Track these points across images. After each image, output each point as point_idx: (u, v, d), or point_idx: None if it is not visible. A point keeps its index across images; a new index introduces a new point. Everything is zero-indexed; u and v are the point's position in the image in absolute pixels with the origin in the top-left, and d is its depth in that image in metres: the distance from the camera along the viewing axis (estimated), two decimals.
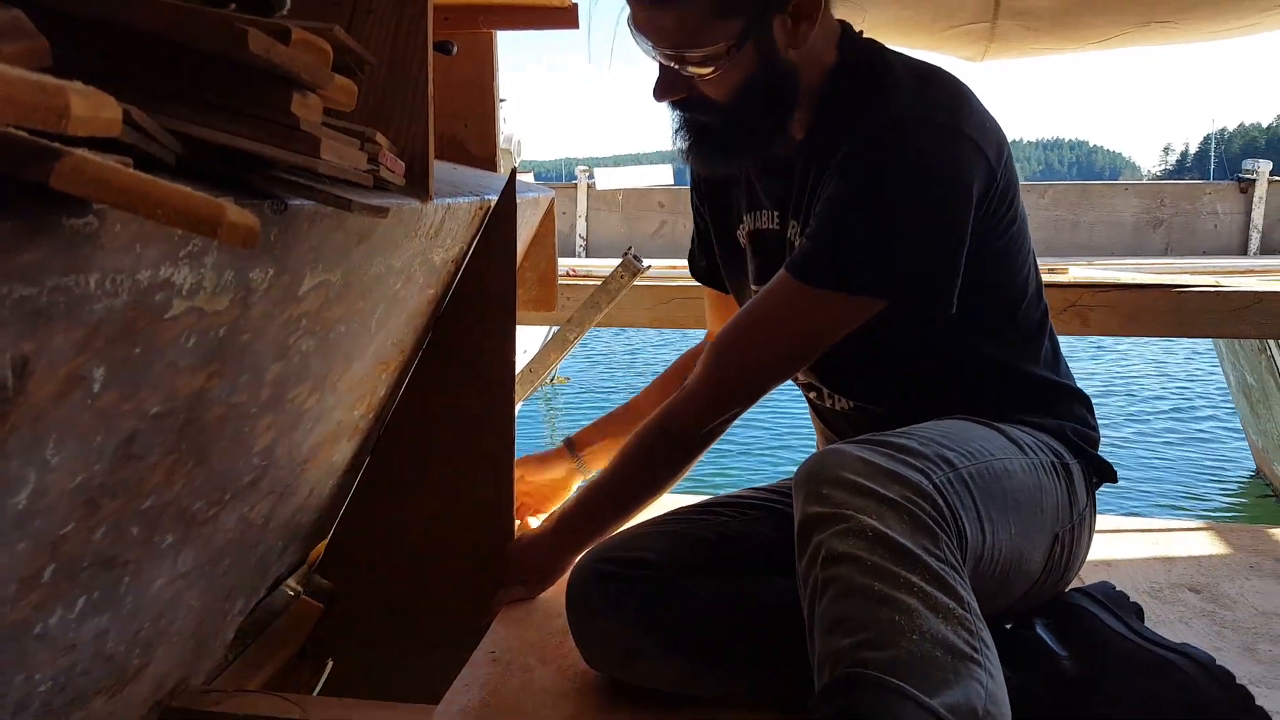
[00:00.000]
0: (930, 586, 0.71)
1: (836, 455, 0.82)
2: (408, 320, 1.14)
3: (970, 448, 0.90)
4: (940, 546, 0.75)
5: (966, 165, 0.96)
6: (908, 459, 0.82)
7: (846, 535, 0.74)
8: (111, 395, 0.60)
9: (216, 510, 0.86)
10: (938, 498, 0.78)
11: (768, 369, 1.05)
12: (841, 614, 0.71)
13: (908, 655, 0.67)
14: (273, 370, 0.82)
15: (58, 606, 0.68)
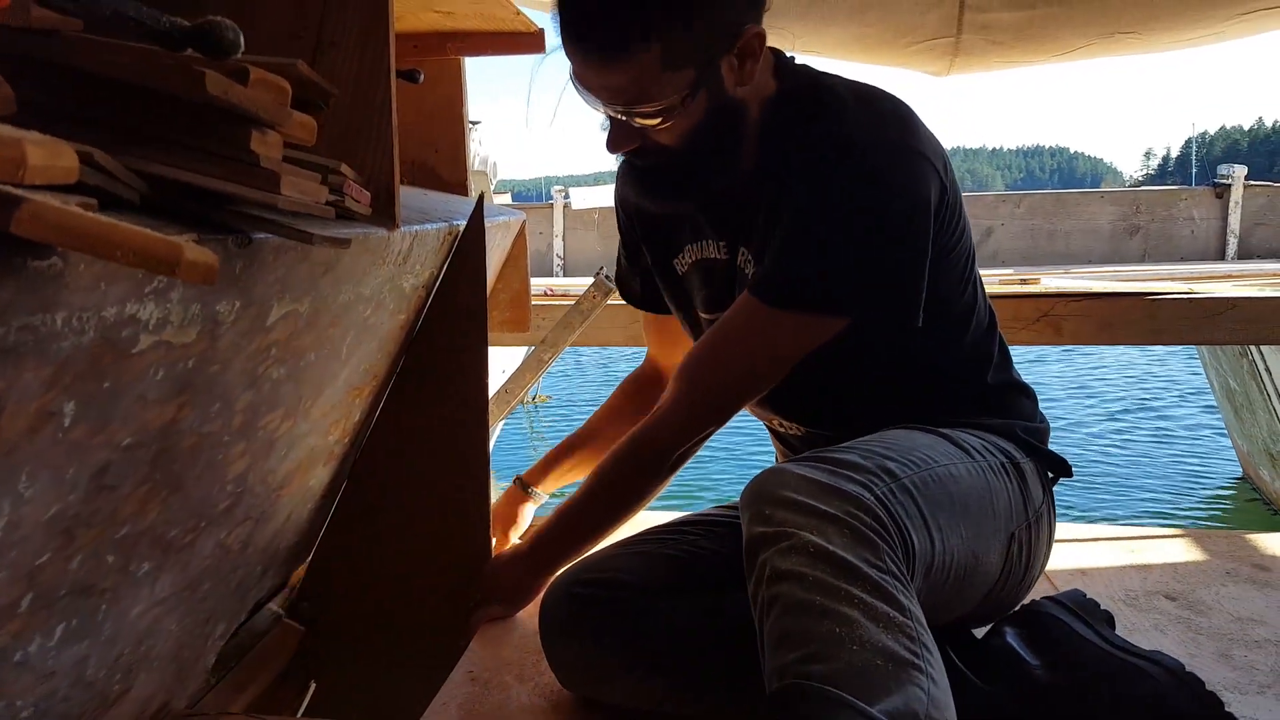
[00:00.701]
0: (871, 597, 0.73)
1: (778, 475, 0.84)
2: (379, 346, 1.17)
3: (913, 457, 0.93)
4: (882, 558, 0.77)
5: (922, 178, 0.98)
6: (849, 474, 0.84)
7: (789, 553, 0.76)
8: (82, 429, 0.62)
9: (193, 537, 0.88)
10: (879, 510, 0.80)
11: (736, 389, 1.08)
12: (786, 629, 0.73)
13: (848, 666, 0.69)
14: (243, 399, 0.84)
15: (36, 635, 0.70)
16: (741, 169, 1.07)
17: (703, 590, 1.07)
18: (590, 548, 1.21)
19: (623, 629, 1.03)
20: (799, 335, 1.02)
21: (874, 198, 0.97)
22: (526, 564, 1.26)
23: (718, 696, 1.02)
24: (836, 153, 0.98)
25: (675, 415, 1.10)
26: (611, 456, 1.16)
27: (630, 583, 1.05)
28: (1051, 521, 1.12)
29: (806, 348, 1.03)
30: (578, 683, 1.06)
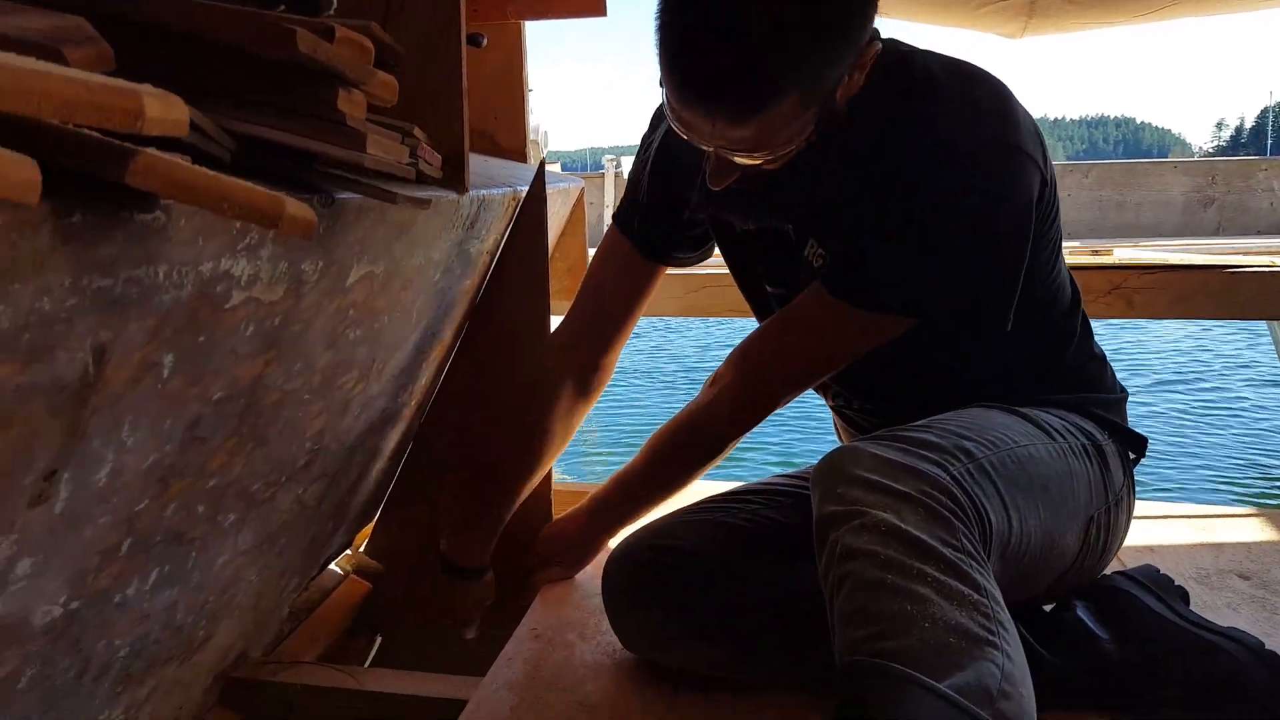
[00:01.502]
0: (945, 575, 0.72)
1: (851, 453, 0.83)
2: (446, 311, 1.18)
3: (991, 436, 0.91)
4: (957, 536, 0.76)
5: (1025, 181, 0.92)
6: (924, 453, 0.82)
7: (861, 531, 0.75)
8: (179, 380, 0.65)
9: (273, 491, 0.91)
10: (955, 489, 0.79)
11: (800, 379, 1.06)
12: (857, 607, 0.72)
13: (919, 643, 0.68)
14: (323, 358, 0.86)
15: (134, 578, 0.73)
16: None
17: (765, 560, 1.07)
18: (646, 514, 1.22)
19: (684, 597, 1.04)
20: (875, 333, 0.99)
21: (972, 207, 0.90)
22: (585, 527, 1.28)
23: (777, 666, 1.03)
24: (933, 157, 0.90)
25: (734, 401, 1.08)
26: (667, 436, 1.15)
27: (693, 551, 1.06)
28: (1130, 504, 1.09)
29: (880, 342, 1.01)
30: (640, 647, 1.08)
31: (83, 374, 0.54)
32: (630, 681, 1.06)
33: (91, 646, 0.72)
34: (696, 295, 1.90)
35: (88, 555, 0.65)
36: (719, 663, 1.03)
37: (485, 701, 1.01)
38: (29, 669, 0.65)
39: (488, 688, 1.04)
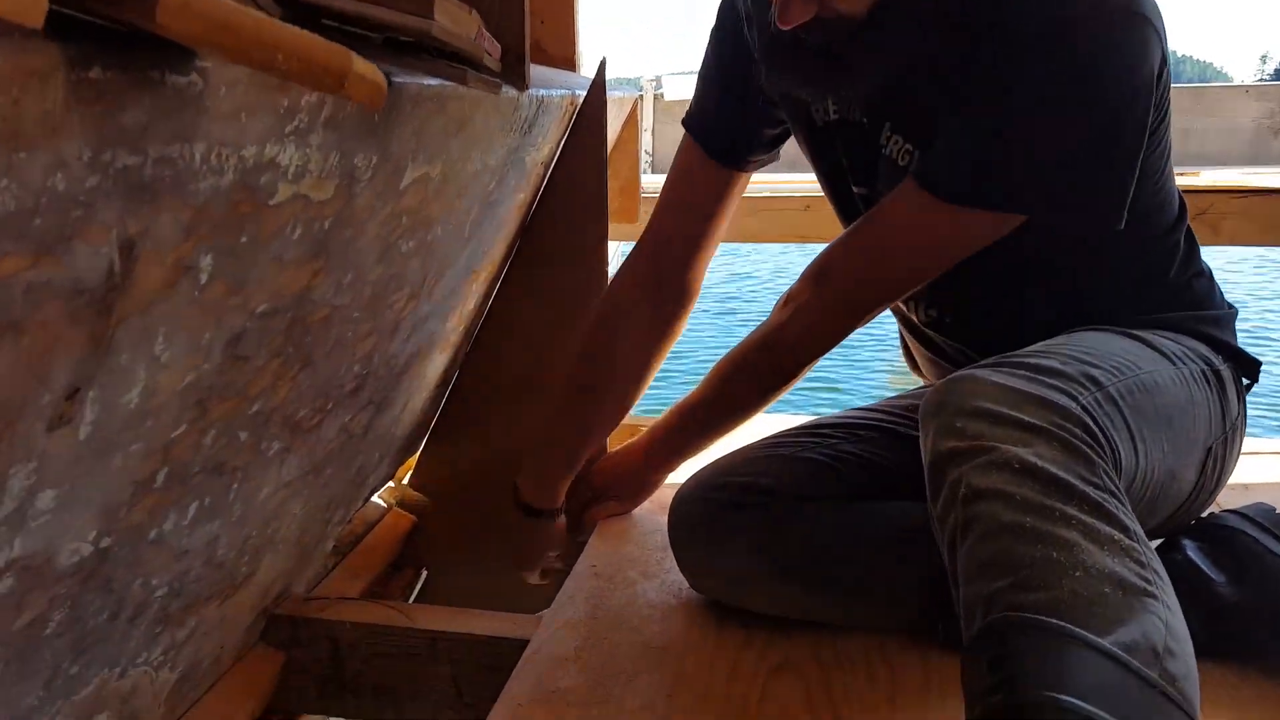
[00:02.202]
0: (1090, 517, 0.63)
1: (969, 382, 0.73)
2: (498, 226, 1.09)
3: (1115, 362, 0.81)
4: (1097, 473, 0.67)
5: (1146, 51, 0.82)
6: (1050, 380, 0.73)
7: (988, 469, 0.66)
8: (219, 288, 0.56)
9: (320, 418, 0.83)
10: (1088, 420, 0.70)
11: (889, 289, 0.96)
12: (990, 555, 0.63)
13: (1070, 594, 0.59)
14: (374, 272, 0.77)
15: (171, 512, 0.65)
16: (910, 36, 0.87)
17: (847, 497, 0.99)
18: (707, 446, 1.14)
19: (761, 535, 0.96)
20: (974, 233, 0.89)
21: (1090, 85, 0.81)
22: (644, 460, 1.19)
23: (855, 606, 0.96)
24: (1048, 31, 0.80)
25: (812, 319, 0.98)
26: (735, 360, 1.06)
27: (771, 487, 0.98)
28: (1243, 433, 1.00)
29: (979, 246, 0.90)
30: (709, 587, 1.00)
31: (108, 273, 0.46)
32: (699, 622, 0.99)
33: (126, 586, 0.64)
34: (748, 220, 1.78)
35: (119, 487, 0.57)
36: (795, 603, 0.96)
37: (547, 642, 0.94)
38: (57, 612, 0.58)
39: (548, 627, 0.97)
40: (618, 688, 0.87)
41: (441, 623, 1.00)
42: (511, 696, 0.86)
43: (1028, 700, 0.54)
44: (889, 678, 0.89)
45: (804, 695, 0.86)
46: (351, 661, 1.00)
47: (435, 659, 0.99)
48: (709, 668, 0.91)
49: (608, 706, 0.84)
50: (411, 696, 1.00)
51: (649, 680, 0.88)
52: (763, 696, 0.86)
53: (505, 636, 0.99)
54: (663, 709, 0.84)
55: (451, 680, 0.99)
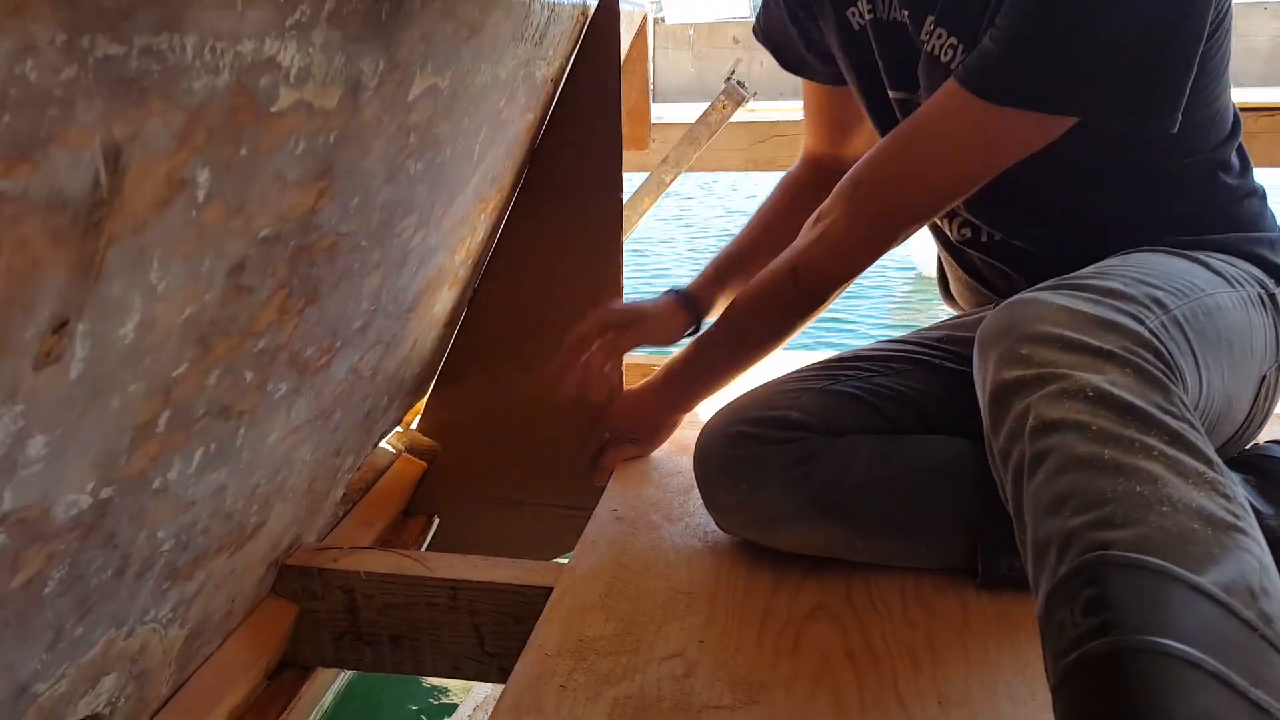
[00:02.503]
0: (1172, 449, 0.58)
1: (1033, 306, 0.68)
2: (507, 150, 1.02)
3: (1177, 284, 0.76)
4: (1173, 401, 0.62)
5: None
6: (1116, 303, 0.68)
7: (1060, 398, 0.61)
8: (217, 208, 0.50)
9: (328, 359, 0.78)
10: (1159, 344, 0.65)
11: (927, 200, 0.90)
12: (1065, 490, 0.58)
13: (1160, 530, 0.54)
14: (382, 195, 0.71)
15: (175, 459, 0.60)
16: None
17: (883, 431, 0.94)
18: (730, 381, 1.09)
19: (794, 470, 0.91)
20: (1020, 138, 0.83)
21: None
22: (661, 400, 1.14)
23: (890, 545, 0.92)
24: None
25: (847, 235, 0.93)
26: (760, 287, 1.01)
27: (804, 422, 0.93)
28: None
29: (1025, 153, 0.84)
30: (738, 526, 0.96)
31: (93, 185, 0.40)
32: (727, 566, 0.95)
33: (130, 541, 0.60)
34: (763, 146, 1.71)
35: (118, 432, 0.52)
36: (831, 543, 0.92)
37: (572, 589, 0.90)
38: (56, 570, 0.53)
39: (573, 574, 0.93)
40: (648, 635, 0.83)
41: (462, 571, 0.95)
42: (539, 645, 0.82)
43: (1129, 645, 0.49)
44: (927, 621, 0.85)
45: (841, 641, 0.83)
46: (367, 612, 0.96)
47: (456, 608, 0.95)
48: (740, 614, 0.87)
49: (638, 655, 0.81)
50: (432, 647, 0.96)
51: (679, 627, 0.85)
52: (797, 644, 0.82)
53: (528, 584, 0.94)
54: (695, 656, 0.81)
55: (473, 630, 0.95)
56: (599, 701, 0.75)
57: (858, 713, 0.73)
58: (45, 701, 0.59)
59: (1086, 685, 0.50)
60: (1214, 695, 0.49)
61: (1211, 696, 0.48)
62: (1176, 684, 0.49)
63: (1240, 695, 0.49)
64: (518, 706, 0.74)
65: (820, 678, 0.78)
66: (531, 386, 1.25)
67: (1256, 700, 0.49)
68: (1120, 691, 0.49)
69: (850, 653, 0.81)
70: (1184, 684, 0.49)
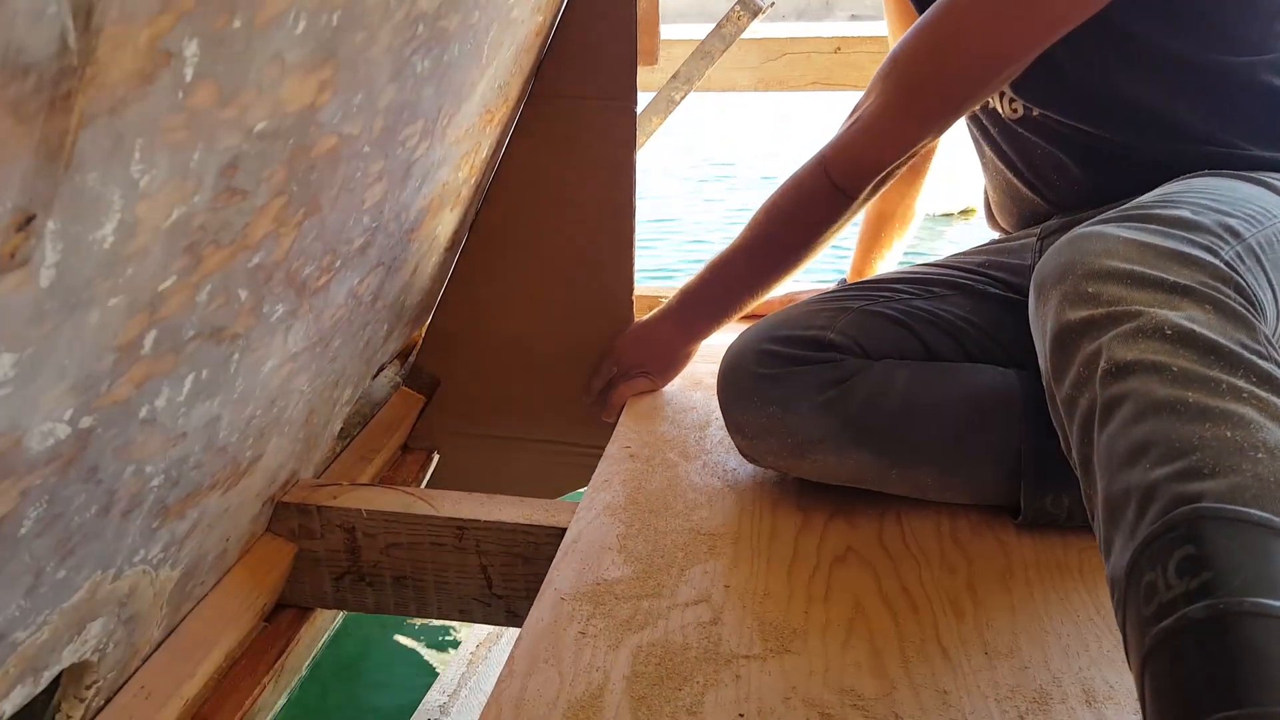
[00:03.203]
0: (1263, 390, 0.53)
1: (1096, 240, 0.62)
2: (515, 56, 0.94)
3: (1248, 210, 0.70)
4: (1259, 339, 0.56)
5: None
6: (1187, 234, 0.62)
7: (1135, 337, 0.56)
8: (208, 90, 0.43)
9: (327, 279, 0.71)
10: (1238, 278, 0.59)
11: (966, 76, 0.82)
12: (1146, 438, 0.53)
13: (1255, 480, 0.49)
14: (386, 94, 0.64)
15: (163, 385, 0.54)
16: None
17: (920, 357, 0.89)
18: (750, 306, 1.02)
19: (828, 393, 0.85)
20: (1060, 4, 0.76)
21: None
22: (675, 328, 1.08)
23: (924, 475, 0.87)
24: None
25: (880, 116, 0.85)
26: (785, 189, 0.94)
27: (839, 343, 0.87)
28: None
29: (1068, 23, 0.77)
30: (763, 451, 0.90)
31: (59, 46, 0.32)
32: (749, 506, 0.90)
33: (116, 476, 0.53)
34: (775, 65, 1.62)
35: (98, 352, 0.45)
36: (867, 472, 0.86)
37: (588, 529, 0.85)
38: (32, 508, 0.47)
39: (587, 513, 0.88)
40: (669, 579, 0.79)
41: (469, 510, 0.90)
42: (554, 589, 0.77)
43: (1235, 609, 0.44)
44: (966, 565, 0.81)
45: (875, 586, 0.78)
46: (369, 552, 0.91)
47: (463, 549, 0.90)
48: (766, 557, 0.82)
49: (660, 600, 0.76)
50: (438, 589, 0.91)
51: (702, 571, 0.80)
52: (829, 590, 0.78)
53: (538, 524, 0.89)
54: (720, 601, 0.76)
55: (481, 571, 0.90)
56: (620, 649, 0.70)
57: (899, 663, 0.69)
58: (27, 649, 0.53)
59: (1187, 653, 0.45)
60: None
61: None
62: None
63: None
64: (534, 653, 0.69)
65: (855, 625, 0.73)
66: (535, 317, 1.18)
67: None
68: (1228, 660, 0.43)
69: (886, 598, 0.77)
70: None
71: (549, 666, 0.68)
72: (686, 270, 3.53)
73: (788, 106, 6.60)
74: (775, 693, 0.66)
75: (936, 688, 0.67)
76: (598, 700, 0.65)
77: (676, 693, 0.66)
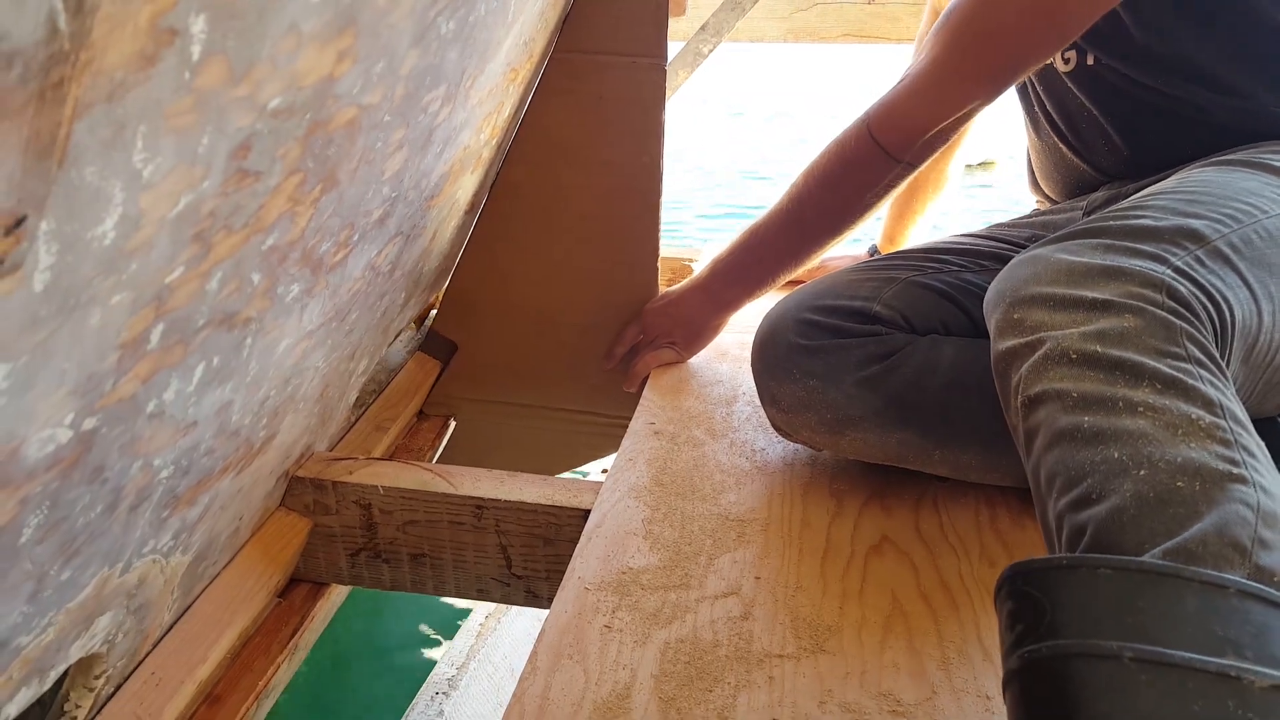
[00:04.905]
0: (1163, 398, 0.53)
1: (1031, 264, 0.62)
2: (541, 11, 0.88)
3: (1230, 208, 0.67)
4: (1178, 341, 0.55)
5: None
6: (1135, 244, 0.61)
7: (1043, 366, 0.56)
8: (218, 68, 0.38)
9: (344, 254, 0.67)
10: (1178, 283, 0.58)
11: (1027, 36, 0.76)
12: (1052, 468, 0.54)
13: (1134, 498, 0.50)
14: (409, 60, 0.59)
15: (172, 377, 0.50)
16: None
17: (967, 334, 0.85)
18: (786, 278, 0.98)
19: (872, 368, 0.81)
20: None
21: None
22: (706, 299, 1.04)
23: (968, 455, 0.83)
24: None
25: (936, 75, 0.80)
26: (829, 151, 0.89)
27: (884, 316, 0.83)
28: None
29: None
30: (799, 426, 0.86)
31: (49, 31, 0.28)
32: (780, 490, 0.87)
33: (122, 473, 0.50)
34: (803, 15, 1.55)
35: (100, 352, 0.42)
36: (909, 451, 0.83)
37: (612, 513, 0.82)
38: (32, 516, 0.44)
39: (611, 495, 0.85)
40: (697, 569, 0.76)
41: (488, 489, 0.87)
42: (578, 578, 0.74)
43: (1060, 651, 0.46)
44: (1006, 558, 0.78)
45: (913, 580, 0.75)
46: (386, 529, 0.88)
47: (482, 528, 0.87)
48: (798, 547, 0.79)
49: (688, 591, 0.73)
50: (455, 567, 0.89)
51: (731, 560, 0.77)
52: (865, 583, 0.75)
53: (560, 505, 0.86)
54: (751, 594, 0.73)
55: (500, 550, 0.88)
56: (648, 645, 0.67)
57: (938, 665, 0.66)
58: (30, 653, 0.51)
59: (1026, 690, 0.47)
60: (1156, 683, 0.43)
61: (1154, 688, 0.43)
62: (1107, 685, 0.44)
63: (1195, 672, 0.43)
64: (558, 648, 0.67)
65: (892, 623, 0.71)
66: (556, 282, 1.14)
67: (1219, 670, 0.43)
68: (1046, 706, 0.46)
69: (924, 594, 0.74)
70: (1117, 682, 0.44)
71: (573, 663, 0.66)
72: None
73: (816, 63, 6.41)
74: (810, 696, 0.63)
75: (979, 692, 0.65)
76: (625, 701, 0.63)
77: (708, 694, 0.63)
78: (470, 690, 1.19)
